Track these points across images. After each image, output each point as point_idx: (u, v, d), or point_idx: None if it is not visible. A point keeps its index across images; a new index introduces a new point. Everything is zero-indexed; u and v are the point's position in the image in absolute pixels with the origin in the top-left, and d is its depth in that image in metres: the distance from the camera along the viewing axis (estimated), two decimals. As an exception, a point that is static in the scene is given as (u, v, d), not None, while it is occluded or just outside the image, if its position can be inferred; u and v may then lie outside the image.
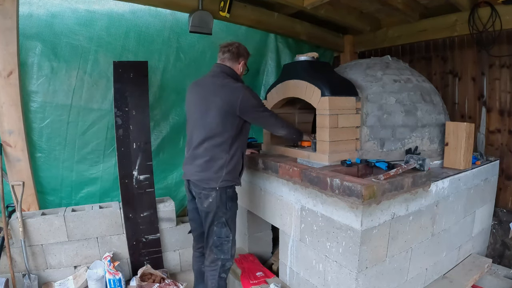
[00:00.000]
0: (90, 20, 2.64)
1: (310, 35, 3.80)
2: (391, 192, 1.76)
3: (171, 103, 3.16)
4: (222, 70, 2.07)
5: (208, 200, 1.99)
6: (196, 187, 2.04)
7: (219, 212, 2.02)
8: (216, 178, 1.97)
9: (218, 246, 2.06)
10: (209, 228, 2.06)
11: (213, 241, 2.06)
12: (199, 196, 2.04)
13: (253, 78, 3.70)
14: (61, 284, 2.55)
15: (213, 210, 2.01)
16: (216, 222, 2.03)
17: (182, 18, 3.00)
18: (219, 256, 2.07)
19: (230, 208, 2.05)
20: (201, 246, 2.25)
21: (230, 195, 2.05)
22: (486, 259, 2.57)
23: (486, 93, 3.19)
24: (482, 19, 2.92)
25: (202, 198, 2.02)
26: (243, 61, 2.15)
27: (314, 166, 2.14)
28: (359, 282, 1.74)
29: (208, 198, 1.99)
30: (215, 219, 2.03)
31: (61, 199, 2.89)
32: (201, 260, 2.25)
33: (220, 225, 2.04)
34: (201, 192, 2.01)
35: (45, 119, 2.66)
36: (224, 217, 2.04)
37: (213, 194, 1.98)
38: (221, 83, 2.00)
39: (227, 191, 2.02)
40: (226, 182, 2.00)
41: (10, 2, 2.28)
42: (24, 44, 2.47)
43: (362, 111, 2.30)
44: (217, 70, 2.09)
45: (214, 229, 2.04)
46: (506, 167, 3.07)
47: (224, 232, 2.06)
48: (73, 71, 2.67)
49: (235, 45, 2.12)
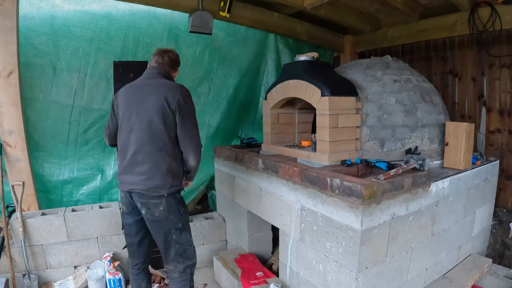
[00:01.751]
0: (90, 21, 2.66)
1: (310, 35, 3.80)
2: (391, 192, 1.76)
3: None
4: (160, 72, 1.94)
5: (159, 209, 1.84)
6: (142, 197, 1.84)
7: (174, 219, 1.89)
8: (164, 185, 1.83)
9: (182, 254, 1.95)
10: (167, 238, 1.91)
11: (176, 250, 1.93)
12: (147, 206, 1.84)
13: (253, 78, 3.71)
14: (61, 284, 2.56)
15: (167, 218, 1.87)
16: (173, 230, 1.90)
17: (181, 19, 3.01)
18: (188, 263, 1.97)
19: (184, 212, 1.95)
20: (139, 262, 2.07)
21: (179, 199, 1.94)
22: (486, 259, 2.57)
23: (486, 93, 3.19)
24: (482, 19, 2.93)
25: (152, 208, 1.84)
26: (176, 71, 2.09)
27: (314, 166, 2.14)
28: (359, 282, 1.74)
29: (158, 206, 1.84)
30: (172, 227, 1.89)
31: (62, 196, 2.94)
32: (140, 277, 2.10)
33: (178, 232, 1.92)
34: (149, 202, 1.83)
35: (48, 119, 2.71)
36: (180, 223, 1.92)
37: (163, 202, 1.84)
38: (158, 83, 1.86)
39: (175, 196, 1.90)
40: (174, 187, 1.88)
41: (10, 2, 2.28)
42: (26, 46, 2.48)
43: (362, 111, 2.30)
44: (154, 72, 1.94)
45: (173, 238, 1.91)
46: (506, 167, 3.07)
47: (184, 238, 1.95)
48: (75, 73, 2.72)
49: (175, 53, 2.05)
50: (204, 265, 3.05)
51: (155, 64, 1.99)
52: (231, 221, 3.09)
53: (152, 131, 1.80)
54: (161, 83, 1.87)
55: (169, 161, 1.84)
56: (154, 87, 1.85)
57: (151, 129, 1.80)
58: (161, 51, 2.01)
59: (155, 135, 1.81)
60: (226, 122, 3.60)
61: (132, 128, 1.84)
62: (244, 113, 3.76)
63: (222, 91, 3.49)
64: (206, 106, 3.43)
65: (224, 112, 3.55)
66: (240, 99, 3.65)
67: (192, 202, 3.51)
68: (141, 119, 1.82)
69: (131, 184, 1.85)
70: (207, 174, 3.51)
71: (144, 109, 1.82)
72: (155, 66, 1.99)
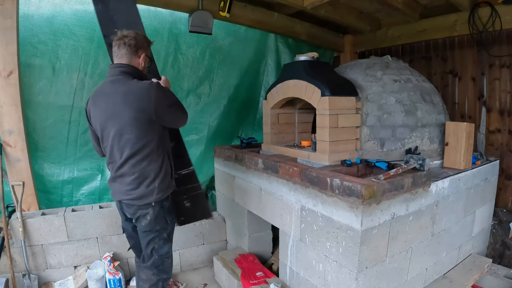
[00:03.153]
0: (89, 21, 2.65)
1: (310, 35, 3.81)
2: (391, 192, 1.76)
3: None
4: (122, 71, 1.73)
5: (146, 219, 1.80)
6: (130, 207, 1.82)
7: (160, 229, 1.85)
8: (150, 192, 1.76)
9: (159, 265, 1.89)
10: (148, 245, 1.87)
11: (154, 261, 1.88)
12: (135, 216, 1.82)
13: (254, 78, 3.71)
14: (61, 284, 2.55)
15: (153, 228, 1.83)
16: (157, 239, 1.86)
17: (181, 18, 3.00)
18: (162, 276, 1.91)
19: (171, 221, 1.90)
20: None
21: (167, 208, 1.88)
22: (486, 259, 2.57)
23: (486, 93, 3.19)
24: (482, 19, 2.93)
25: (140, 218, 1.81)
26: (143, 54, 1.81)
27: (314, 166, 2.14)
28: (359, 282, 1.74)
29: (146, 216, 1.80)
30: (156, 235, 1.85)
31: (62, 197, 2.93)
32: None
33: (162, 242, 1.87)
34: (137, 211, 1.80)
35: (47, 119, 2.70)
36: (165, 232, 1.88)
37: (150, 211, 1.79)
38: (125, 90, 1.67)
39: (163, 204, 1.84)
40: (162, 194, 1.80)
41: (10, 2, 2.28)
42: (25, 45, 2.48)
43: (362, 111, 2.30)
44: (116, 73, 1.74)
45: (155, 247, 1.86)
46: (506, 167, 3.07)
47: (165, 249, 1.90)
48: (74, 73, 2.70)
49: (131, 36, 1.75)
50: (204, 265, 3.05)
51: (115, 59, 1.79)
52: (231, 221, 3.09)
53: (133, 146, 1.70)
54: (127, 88, 1.67)
55: (155, 168, 1.77)
56: (121, 96, 1.67)
57: (132, 144, 1.70)
58: (117, 40, 1.76)
59: (138, 149, 1.71)
60: (226, 122, 3.60)
61: (113, 143, 1.75)
62: (244, 113, 3.76)
63: (222, 91, 3.49)
64: (206, 106, 3.43)
65: (224, 112, 3.55)
66: (240, 99, 3.65)
67: (192, 202, 3.51)
68: (120, 134, 1.70)
69: (120, 194, 1.81)
70: (207, 174, 3.51)
71: (120, 124, 1.69)
72: (115, 64, 1.78)
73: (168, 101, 1.75)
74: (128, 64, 1.76)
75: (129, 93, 1.66)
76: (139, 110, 1.65)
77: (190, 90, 3.30)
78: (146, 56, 1.84)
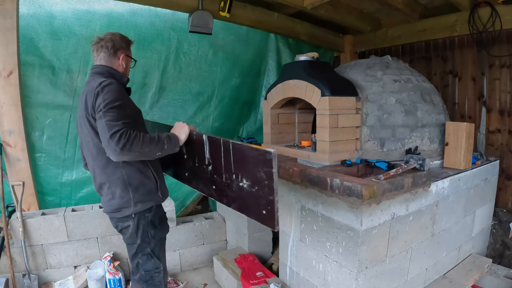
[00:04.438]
0: (90, 20, 2.65)
1: (310, 35, 3.80)
2: (391, 192, 1.76)
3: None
4: (93, 72, 1.67)
5: (128, 231, 1.69)
6: (111, 220, 1.74)
7: (142, 244, 1.71)
8: (126, 203, 1.62)
9: (148, 280, 1.76)
10: (133, 260, 1.77)
11: (141, 276, 1.76)
12: (118, 229, 1.75)
13: (254, 78, 3.71)
14: (61, 284, 2.56)
15: (135, 241, 1.71)
16: (140, 254, 1.73)
17: (182, 18, 3.00)
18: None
19: (153, 236, 1.72)
20: None
21: (150, 220, 1.69)
22: (486, 259, 2.57)
23: (486, 93, 3.19)
24: (482, 19, 2.93)
25: (123, 231, 1.72)
26: (123, 54, 1.72)
27: (314, 166, 2.14)
28: (359, 282, 1.74)
29: (127, 229, 1.69)
30: (139, 250, 1.72)
31: (60, 199, 2.89)
32: None
33: (145, 257, 1.74)
34: (118, 224, 1.72)
35: (47, 119, 2.68)
36: (148, 248, 1.72)
37: (130, 224, 1.66)
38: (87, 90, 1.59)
39: (145, 216, 1.67)
40: (142, 204, 1.65)
41: (10, 2, 2.28)
42: (25, 45, 2.47)
43: (362, 111, 2.30)
44: (91, 73, 1.69)
45: (139, 262, 1.75)
46: (506, 167, 3.07)
47: (151, 264, 1.75)
48: (74, 72, 2.69)
49: (108, 37, 1.68)
50: (204, 265, 3.06)
51: (94, 61, 1.73)
52: (231, 221, 3.09)
53: (94, 148, 1.60)
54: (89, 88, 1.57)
55: (118, 174, 1.61)
56: (83, 97, 1.60)
57: (90, 146, 1.61)
58: (94, 44, 1.70)
59: (96, 152, 1.60)
60: (227, 122, 3.59)
61: (82, 147, 1.68)
62: (245, 113, 3.76)
63: (224, 90, 3.49)
64: (208, 106, 3.43)
65: (225, 112, 3.55)
66: (241, 99, 3.65)
67: (192, 202, 3.51)
68: (84, 135, 1.63)
69: (103, 205, 1.74)
70: (207, 174, 3.50)
71: (81, 126, 1.64)
72: (93, 66, 1.72)
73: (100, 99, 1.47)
74: (100, 65, 1.69)
75: (88, 92, 1.57)
76: (87, 108, 1.55)
77: (192, 90, 3.30)
78: (127, 56, 1.76)
